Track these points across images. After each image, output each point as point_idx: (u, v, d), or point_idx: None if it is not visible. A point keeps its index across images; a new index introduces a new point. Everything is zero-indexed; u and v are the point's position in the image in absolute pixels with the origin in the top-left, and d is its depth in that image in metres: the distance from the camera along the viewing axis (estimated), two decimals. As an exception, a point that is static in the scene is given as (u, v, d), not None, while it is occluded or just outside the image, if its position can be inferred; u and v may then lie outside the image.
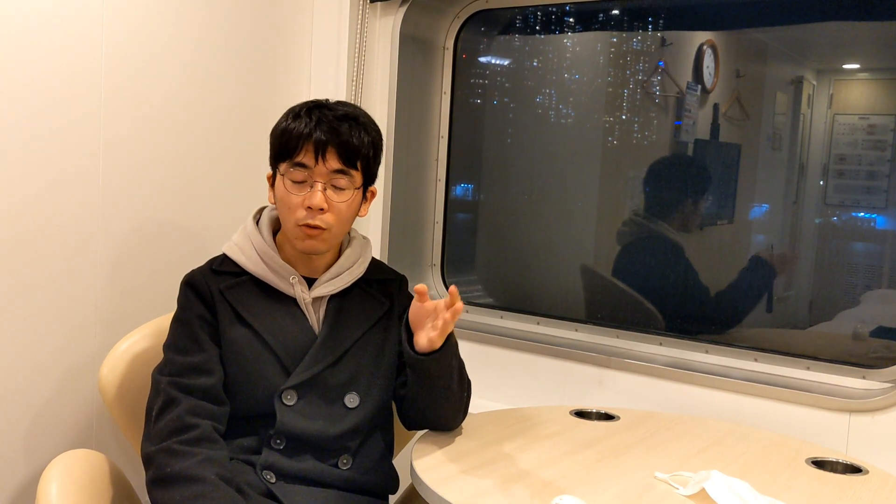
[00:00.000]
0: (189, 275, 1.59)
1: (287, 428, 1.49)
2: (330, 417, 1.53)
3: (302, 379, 1.51)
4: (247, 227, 1.62)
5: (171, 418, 1.42)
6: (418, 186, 2.53)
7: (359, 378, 1.57)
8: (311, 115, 1.52)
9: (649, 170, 2.54)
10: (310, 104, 1.55)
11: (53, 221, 1.79)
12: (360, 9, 2.34)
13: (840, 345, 2.20)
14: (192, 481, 1.34)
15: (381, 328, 1.63)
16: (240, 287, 1.56)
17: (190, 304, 1.55)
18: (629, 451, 1.59)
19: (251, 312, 1.54)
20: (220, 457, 1.42)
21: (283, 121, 1.55)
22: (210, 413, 1.46)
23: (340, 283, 1.60)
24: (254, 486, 1.46)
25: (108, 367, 1.66)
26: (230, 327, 1.53)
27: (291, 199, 1.52)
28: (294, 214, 1.52)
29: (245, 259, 1.58)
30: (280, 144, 1.53)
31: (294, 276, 1.57)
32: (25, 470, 1.79)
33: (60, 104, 1.78)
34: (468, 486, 1.37)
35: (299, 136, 1.50)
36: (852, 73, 2.42)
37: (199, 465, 1.36)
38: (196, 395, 1.46)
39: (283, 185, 1.52)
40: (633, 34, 2.58)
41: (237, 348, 1.52)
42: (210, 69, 2.11)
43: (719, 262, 2.50)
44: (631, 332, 2.21)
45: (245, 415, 1.52)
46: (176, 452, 1.38)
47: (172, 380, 1.47)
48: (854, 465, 1.57)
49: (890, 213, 2.28)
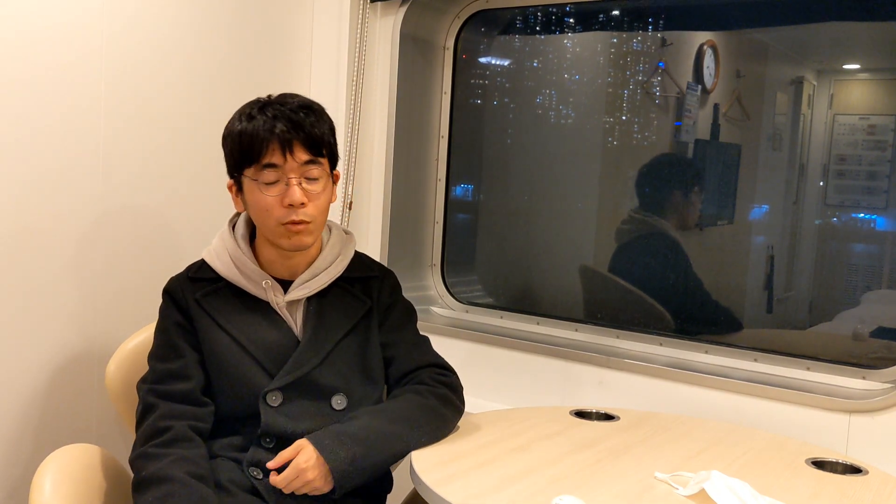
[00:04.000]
0: (168, 282, 1.60)
1: (272, 429, 1.49)
2: (317, 419, 1.52)
3: (287, 381, 1.51)
4: (223, 232, 1.61)
5: (148, 424, 1.45)
6: (418, 186, 2.53)
7: (345, 380, 1.57)
8: (266, 113, 1.47)
9: (648, 168, 2.54)
10: (258, 102, 1.51)
11: (55, 217, 1.79)
12: (360, 8, 2.34)
13: (840, 345, 2.20)
14: (162, 482, 1.35)
15: (363, 329, 1.61)
16: (216, 294, 1.56)
17: (167, 312, 1.56)
18: (629, 451, 1.59)
19: (228, 320, 1.54)
20: (194, 455, 1.42)
21: (235, 124, 1.50)
22: (188, 414, 1.47)
23: (316, 284, 1.58)
24: (237, 482, 1.46)
25: (115, 364, 1.69)
26: (209, 335, 1.54)
27: (267, 201, 1.48)
28: (274, 215, 1.49)
29: (220, 265, 1.57)
30: (241, 149, 1.48)
31: (267, 281, 1.55)
32: (28, 464, 1.79)
33: (60, 103, 1.78)
34: (468, 486, 1.37)
35: (262, 136, 1.46)
36: (852, 73, 2.42)
37: (170, 466, 1.37)
38: (173, 400, 1.48)
39: (256, 189, 1.49)
40: (633, 34, 2.58)
41: (218, 355, 1.53)
42: (210, 68, 2.11)
43: (719, 263, 2.50)
44: (631, 332, 2.21)
45: (231, 415, 1.53)
46: (150, 456, 1.40)
47: (151, 387, 1.49)
48: (854, 466, 1.57)
49: (890, 213, 2.28)
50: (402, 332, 1.67)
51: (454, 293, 2.56)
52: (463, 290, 2.63)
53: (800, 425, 1.84)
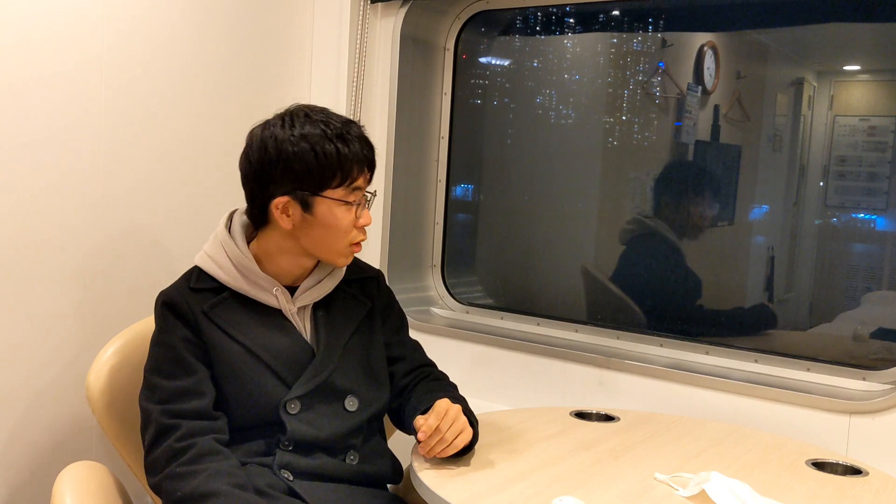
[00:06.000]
0: (165, 295, 1.52)
1: (296, 437, 1.49)
2: (334, 422, 1.53)
3: (307, 389, 1.51)
4: (219, 236, 1.56)
5: (167, 445, 1.40)
6: (419, 187, 2.53)
7: (355, 381, 1.57)
8: (351, 133, 1.48)
9: (659, 174, 2.55)
10: (337, 122, 1.50)
11: (54, 222, 1.79)
12: (360, 9, 2.34)
13: (840, 346, 2.20)
14: (206, 498, 1.33)
15: (366, 329, 1.63)
16: (223, 305, 1.52)
17: (171, 327, 1.49)
18: (629, 452, 1.59)
19: (240, 331, 1.51)
20: (228, 466, 1.40)
21: (326, 145, 1.46)
22: (207, 429, 1.44)
23: (323, 289, 1.58)
24: (274, 486, 1.45)
25: (94, 376, 1.59)
26: (221, 347, 1.49)
27: (346, 222, 1.50)
28: (348, 237, 1.51)
29: (223, 273, 1.53)
30: (330, 169, 1.46)
31: (276, 288, 1.54)
32: (25, 477, 1.79)
33: (61, 109, 1.78)
34: (468, 486, 1.37)
35: (354, 159, 1.47)
36: (853, 74, 2.42)
37: (209, 481, 1.35)
38: (189, 418, 1.43)
39: (336, 210, 1.48)
40: (633, 35, 2.58)
41: (232, 367, 1.49)
42: (210, 69, 2.11)
43: (719, 263, 2.50)
44: (631, 333, 2.21)
45: (248, 424, 1.51)
46: (182, 475, 1.37)
47: (164, 408, 1.43)
48: (854, 467, 1.57)
49: (890, 214, 2.28)
50: (402, 333, 1.71)
51: (454, 294, 2.56)
52: (463, 290, 2.63)
53: (800, 426, 1.84)
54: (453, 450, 1.44)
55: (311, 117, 1.49)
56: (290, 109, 1.52)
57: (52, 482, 1.67)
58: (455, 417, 1.45)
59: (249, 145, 1.52)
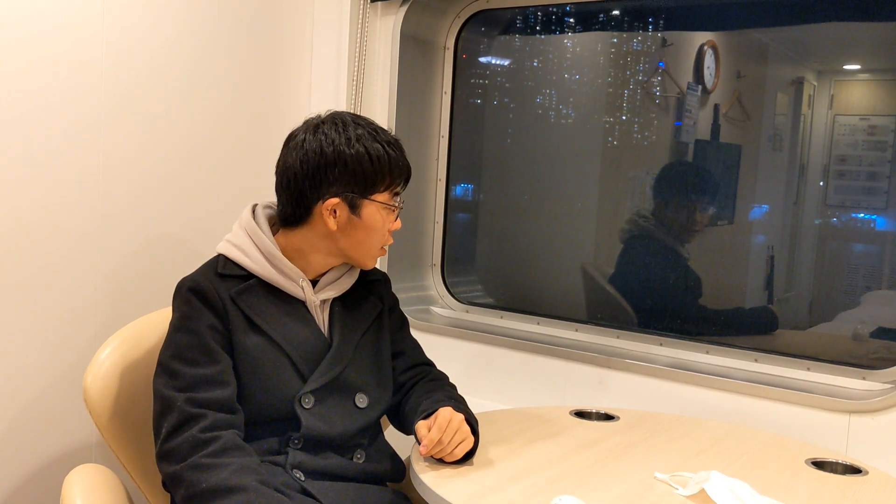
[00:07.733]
0: (191, 281, 1.50)
1: (310, 432, 1.49)
2: (345, 419, 1.54)
3: (322, 383, 1.51)
4: (245, 224, 1.56)
5: (191, 434, 1.38)
6: (418, 186, 2.53)
7: (365, 378, 1.58)
8: (396, 141, 1.57)
9: (659, 174, 2.55)
10: (380, 129, 1.57)
11: (54, 221, 1.79)
12: (360, 8, 2.34)
13: (840, 346, 2.20)
14: (233, 492, 1.32)
15: (376, 328, 1.64)
16: (249, 292, 1.51)
17: (198, 313, 1.47)
18: (629, 451, 1.59)
19: (264, 319, 1.51)
20: (253, 463, 1.40)
21: (379, 150, 1.53)
22: (229, 423, 1.43)
23: (343, 285, 1.60)
24: (289, 485, 1.45)
25: (91, 377, 1.55)
26: (244, 336, 1.49)
27: (383, 226, 1.56)
28: (383, 238, 1.58)
29: (250, 261, 1.53)
30: (381, 175, 1.53)
31: (302, 279, 1.55)
32: (25, 465, 1.79)
33: (61, 108, 1.77)
34: (468, 485, 1.37)
35: (402, 165, 1.56)
36: (853, 73, 2.42)
37: (236, 475, 1.34)
38: (214, 408, 1.42)
39: (380, 213, 1.55)
40: (633, 35, 2.58)
41: (253, 357, 1.49)
42: (210, 70, 2.10)
43: (719, 263, 2.50)
44: (631, 332, 2.21)
45: (261, 420, 1.50)
46: (206, 466, 1.35)
47: (189, 395, 1.41)
48: (854, 466, 1.57)
49: (890, 214, 2.28)
50: (403, 331, 1.74)
51: (454, 293, 2.56)
52: (463, 290, 2.63)
53: (800, 425, 1.84)
54: (453, 458, 1.46)
55: (359, 123, 1.54)
56: (332, 115, 1.56)
57: (51, 483, 1.68)
58: (457, 429, 1.46)
59: (300, 147, 1.51)
